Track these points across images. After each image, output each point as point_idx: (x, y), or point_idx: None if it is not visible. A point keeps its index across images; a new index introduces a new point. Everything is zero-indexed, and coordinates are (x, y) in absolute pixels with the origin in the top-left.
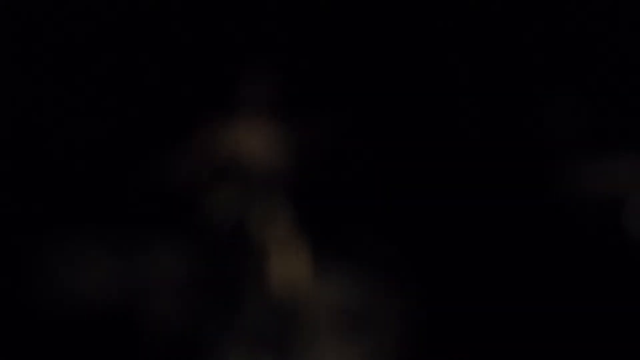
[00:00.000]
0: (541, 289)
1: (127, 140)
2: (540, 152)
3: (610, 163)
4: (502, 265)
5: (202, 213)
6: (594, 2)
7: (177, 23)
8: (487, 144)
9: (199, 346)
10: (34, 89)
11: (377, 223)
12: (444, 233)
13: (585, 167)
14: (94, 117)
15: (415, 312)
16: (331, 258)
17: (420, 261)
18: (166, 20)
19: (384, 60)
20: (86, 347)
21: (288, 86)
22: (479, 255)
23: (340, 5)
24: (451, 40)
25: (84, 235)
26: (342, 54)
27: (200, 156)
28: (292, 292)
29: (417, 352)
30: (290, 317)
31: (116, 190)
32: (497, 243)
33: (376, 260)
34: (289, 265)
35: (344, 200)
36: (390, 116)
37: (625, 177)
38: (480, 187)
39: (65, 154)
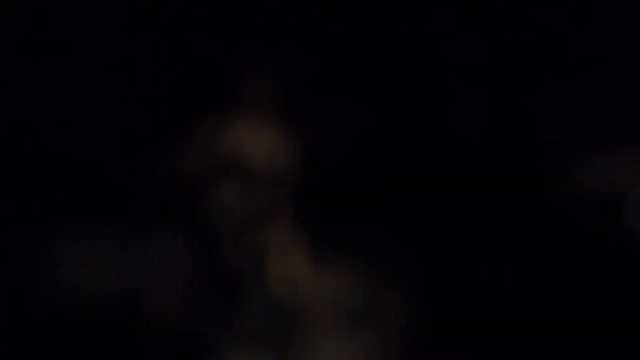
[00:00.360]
0: (542, 288)
1: (130, 138)
2: (540, 151)
3: (611, 160)
4: (503, 263)
5: (204, 211)
6: (594, 1)
7: (180, 21)
8: (487, 144)
9: (201, 343)
10: (35, 84)
11: (377, 221)
12: (445, 232)
13: (586, 165)
14: (96, 115)
15: (415, 310)
16: (332, 256)
17: (420, 259)
18: (169, 18)
19: (385, 61)
20: (88, 343)
21: (291, 85)
22: (480, 254)
23: (344, 3)
24: (452, 40)
25: (86, 232)
26: (345, 53)
27: (203, 154)
28: (293, 290)
29: (418, 350)
30: (291, 315)
31: (118, 188)
32: (497, 242)
33: (377, 258)
34: (290, 263)
35: (345, 198)
36: (391, 116)
37: (626, 175)
38: (480, 187)
39: (67, 152)
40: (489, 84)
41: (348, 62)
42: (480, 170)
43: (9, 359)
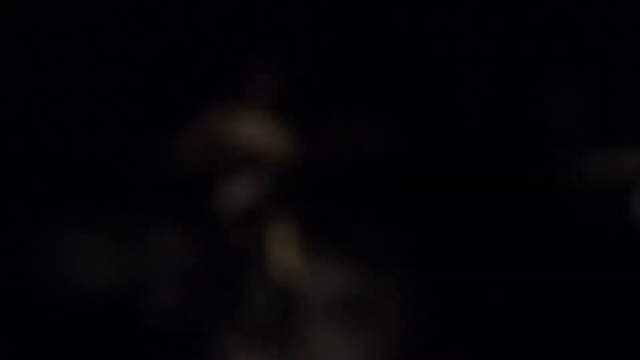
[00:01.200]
0: (544, 287)
1: (134, 131)
2: (547, 145)
3: (615, 154)
4: (503, 259)
5: (205, 205)
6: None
7: (188, 15)
8: (490, 143)
9: (202, 335)
10: (39, 75)
11: (374, 216)
12: (444, 230)
13: (591, 158)
14: (102, 108)
15: (412, 305)
16: (331, 250)
17: (418, 255)
18: (178, 12)
19: (388, 60)
20: (90, 338)
21: (296, 83)
22: (478, 249)
23: (351, 4)
24: (454, 41)
25: (90, 225)
26: (348, 54)
27: (206, 147)
28: (291, 281)
29: (412, 339)
30: (289, 306)
31: (123, 181)
32: (497, 240)
33: (375, 254)
34: (289, 256)
35: (346, 194)
36: (391, 114)
37: (631, 168)
38: (483, 187)
39: (69, 149)
40: (494, 82)
41: (351, 63)
42: (484, 169)
43: (13, 353)
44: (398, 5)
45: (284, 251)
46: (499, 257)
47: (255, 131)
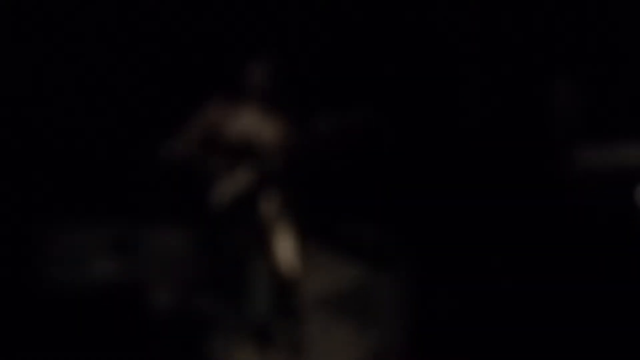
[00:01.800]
0: (544, 280)
1: (134, 130)
2: (550, 141)
3: (621, 148)
4: (503, 259)
5: (205, 202)
6: None
7: (189, 13)
8: (494, 136)
9: (201, 334)
10: (39, 75)
11: (373, 215)
12: (441, 228)
13: (597, 152)
14: (102, 109)
15: (402, 297)
16: (330, 247)
17: (414, 251)
18: (179, 11)
19: (387, 59)
20: (93, 332)
21: (294, 79)
22: (478, 249)
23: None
24: (455, 35)
25: (91, 225)
26: (348, 52)
27: (205, 146)
28: (290, 279)
29: (412, 339)
30: (288, 304)
31: (123, 181)
32: (498, 239)
33: (372, 251)
34: (288, 253)
35: (343, 192)
36: (389, 112)
37: (634, 162)
38: (485, 178)
39: (73, 146)
40: (497, 78)
41: (347, 61)
42: (483, 167)
43: (13, 353)
44: (396, 4)
45: (283, 249)
46: (499, 257)
47: (255, 130)
